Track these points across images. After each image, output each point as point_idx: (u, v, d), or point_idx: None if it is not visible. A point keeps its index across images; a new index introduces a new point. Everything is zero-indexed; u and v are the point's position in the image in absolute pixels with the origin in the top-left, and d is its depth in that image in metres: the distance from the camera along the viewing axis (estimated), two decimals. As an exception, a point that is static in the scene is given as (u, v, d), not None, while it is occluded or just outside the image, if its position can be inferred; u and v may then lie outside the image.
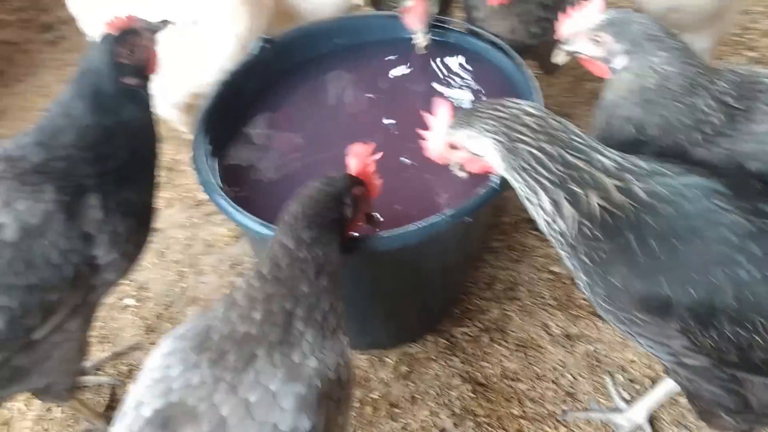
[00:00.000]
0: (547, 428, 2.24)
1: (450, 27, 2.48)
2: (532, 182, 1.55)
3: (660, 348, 1.63)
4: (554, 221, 1.56)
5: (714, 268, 1.45)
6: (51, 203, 1.69)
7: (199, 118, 2.14)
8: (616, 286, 1.52)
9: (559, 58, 1.96)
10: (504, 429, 2.24)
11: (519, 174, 1.56)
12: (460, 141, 1.66)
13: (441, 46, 2.47)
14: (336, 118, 2.34)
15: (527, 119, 1.56)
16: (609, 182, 1.51)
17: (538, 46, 2.63)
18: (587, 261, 1.55)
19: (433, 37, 2.44)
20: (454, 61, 2.44)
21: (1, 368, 1.73)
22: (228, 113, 2.23)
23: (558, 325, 2.49)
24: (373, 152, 1.72)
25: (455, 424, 2.26)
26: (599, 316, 2.40)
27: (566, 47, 1.90)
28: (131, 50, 1.83)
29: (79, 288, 1.77)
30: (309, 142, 2.26)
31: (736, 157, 1.79)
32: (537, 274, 2.67)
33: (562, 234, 1.57)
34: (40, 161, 1.72)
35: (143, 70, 1.87)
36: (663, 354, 1.65)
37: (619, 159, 1.55)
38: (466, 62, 2.43)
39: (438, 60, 2.46)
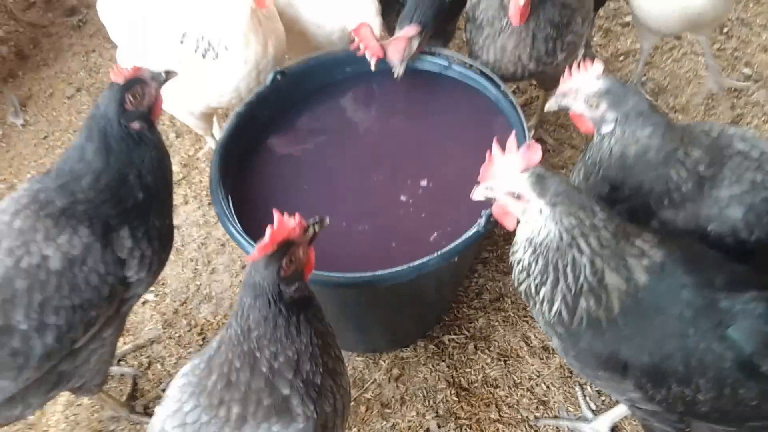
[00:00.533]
0: (520, 433, 2.51)
1: (446, 60, 2.65)
2: (551, 275, 1.72)
3: (619, 396, 1.88)
4: (546, 305, 1.77)
5: (668, 340, 1.68)
6: (88, 237, 1.93)
7: (216, 150, 2.35)
8: (583, 349, 1.76)
9: (551, 106, 2.14)
10: (482, 430, 2.51)
11: (549, 266, 1.71)
12: (526, 204, 1.71)
13: (435, 79, 2.65)
14: (343, 147, 2.54)
15: (604, 234, 1.69)
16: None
17: (542, 72, 2.81)
18: (562, 332, 1.79)
19: (429, 70, 2.63)
20: (451, 95, 2.62)
21: (49, 374, 2.00)
22: (243, 142, 2.44)
23: (537, 337, 2.74)
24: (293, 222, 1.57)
25: (439, 425, 2.53)
26: (575, 331, 2.66)
27: (562, 102, 2.06)
28: (137, 98, 1.98)
29: (114, 303, 2.03)
30: (316, 169, 2.46)
31: (698, 220, 2.01)
32: (522, 286, 2.90)
33: (543, 313, 1.79)
34: (65, 205, 1.94)
35: (148, 115, 2.03)
36: (621, 399, 1.91)
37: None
38: (460, 96, 2.60)
39: (436, 92, 2.64)
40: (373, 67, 2.54)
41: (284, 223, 1.55)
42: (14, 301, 1.84)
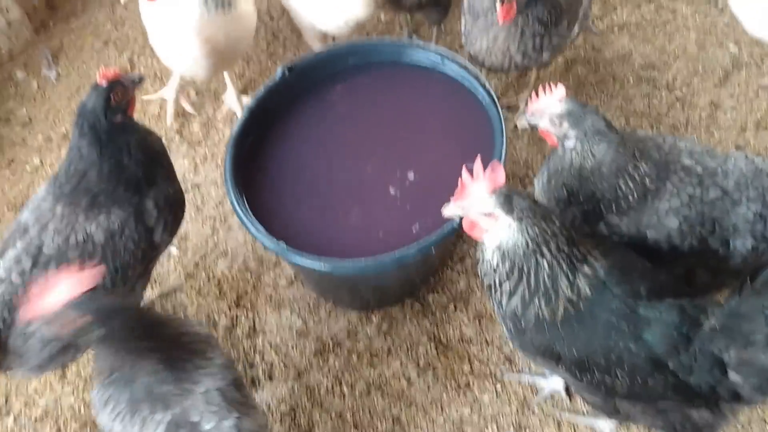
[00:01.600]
0: (487, 384, 2.94)
1: (440, 56, 2.93)
2: (515, 275, 2.08)
3: (555, 373, 2.30)
4: (506, 298, 2.15)
5: (595, 340, 2.08)
6: (124, 214, 2.38)
7: (229, 144, 2.70)
8: (527, 340, 2.17)
9: (522, 124, 2.46)
10: (455, 380, 2.95)
11: (515, 267, 2.07)
12: (494, 221, 2.05)
13: (429, 73, 2.94)
14: (342, 138, 2.86)
15: (561, 239, 2.03)
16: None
17: (527, 67, 3.10)
18: (512, 323, 2.19)
19: (424, 65, 2.93)
20: (443, 91, 2.91)
21: None
22: (254, 135, 2.77)
23: (509, 302, 3.14)
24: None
25: (418, 374, 2.97)
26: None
27: (531, 120, 2.38)
28: (119, 96, 2.36)
29: (145, 262, 2.51)
30: (317, 160, 2.80)
31: (639, 226, 2.37)
32: (501, 254, 3.27)
33: (501, 304, 2.18)
34: (89, 203, 2.36)
35: (126, 110, 2.42)
36: (558, 376, 2.33)
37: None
38: (451, 92, 2.90)
39: (429, 87, 2.93)
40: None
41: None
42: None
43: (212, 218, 3.45)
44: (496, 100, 2.79)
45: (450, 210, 2.14)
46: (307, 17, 3.31)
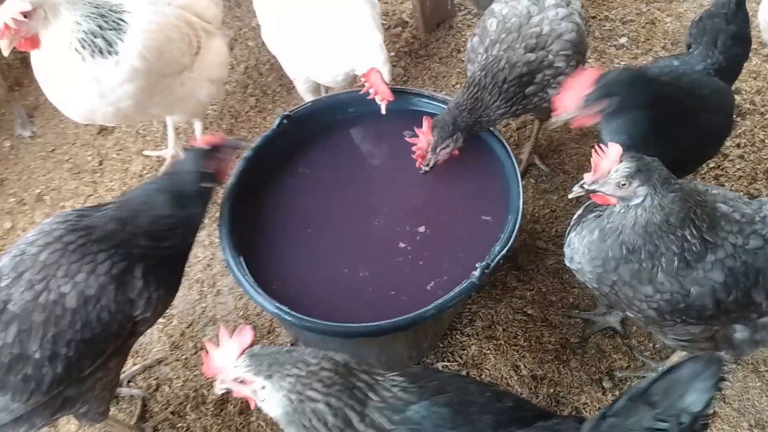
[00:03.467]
0: (508, 460, 2.67)
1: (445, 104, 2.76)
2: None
3: None
4: None
5: None
6: (104, 276, 2.09)
7: (225, 195, 2.48)
8: None
9: (573, 194, 2.23)
10: (472, 457, 2.68)
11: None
12: (250, 386, 1.73)
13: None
14: (345, 190, 2.65)
15: (324, 374, 1.69)
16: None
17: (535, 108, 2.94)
18: None
19: (429, 112, 2.76)
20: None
21: (55, 399, 2.16)
22: (251, 185, 2.56)
23: (526, 366, 2.89)
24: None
25: (432, 451, 2.69)
26: (563, 361, 2.82)
27: (591, 187, 2.13)
28: (214, 162, 2.23)
29: (120, 337, 2.20)
30: (319, 213, 2.59)
31: (684, 283, 2.14)
32: (513, 315, 3.04)
33: None
34: (105, 233, 2.13)
35: (218, 177, 2.28)
36: None
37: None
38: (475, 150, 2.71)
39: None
40: (383, 111, 2.64)
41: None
42: (30, 332, 2.01)
43: (200, 282, 3.19)
44: (508, 147, 2.61)
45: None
46: (302, 70, 3.14)
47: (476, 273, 2.26)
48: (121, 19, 2.76)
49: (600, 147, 2.09)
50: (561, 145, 3.65)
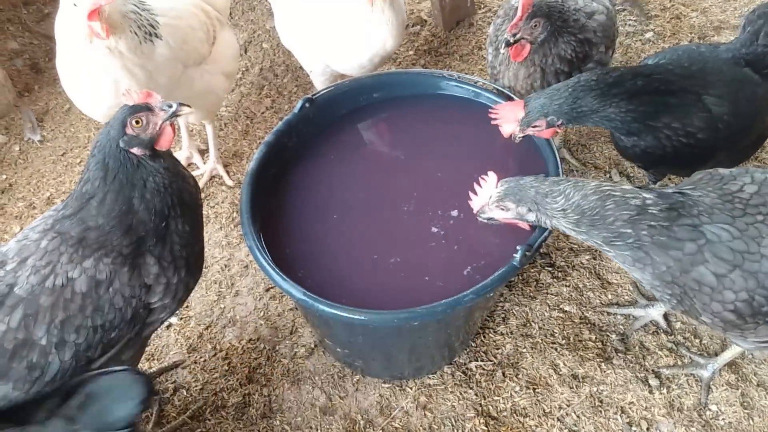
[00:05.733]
0: (551, 463, 2.49)
1: (480, 87, 2.63)
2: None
3: None
4: None
5: None
6: (115, 262, 1.94)
7: (246, 181, 2.33)
8: None
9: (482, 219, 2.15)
10: (511, 462, 2.50)
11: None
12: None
13: (464, 105, 2.63)
14: (372, 174, 2.51)
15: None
16: None
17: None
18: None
19: (458, 95, 2.63)
20: (479, 122, 2.59)
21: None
22: (272, 171, 2.41)
23: (566, 365, 2.71)
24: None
25: (468, 456, 2.51)
26: (605, 359, 2.64)
27: (484, 216, 2.14)
28: (140, 124, 1.96)
29: (135, 326, 2.05)
30: (345, 198, 2.44)
31: None
32: (549, 311, 2.87)
33: None
34: (79, 235, 1.95)
35: (152, 143, 2.00)
36: None
37: None
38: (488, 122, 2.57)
39: (464, 118, 2.61)
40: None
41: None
42: (37, 317, 1.87)
43: (217, 283, 3.03)
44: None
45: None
46: (320, 59, 3.02)
47: (517, 256, 2.10)
48: (154, 15, 2.72)
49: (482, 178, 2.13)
50: (591, 140, 3.50)
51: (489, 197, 2.08)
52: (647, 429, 2.55)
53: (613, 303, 2.86)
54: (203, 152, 3.56)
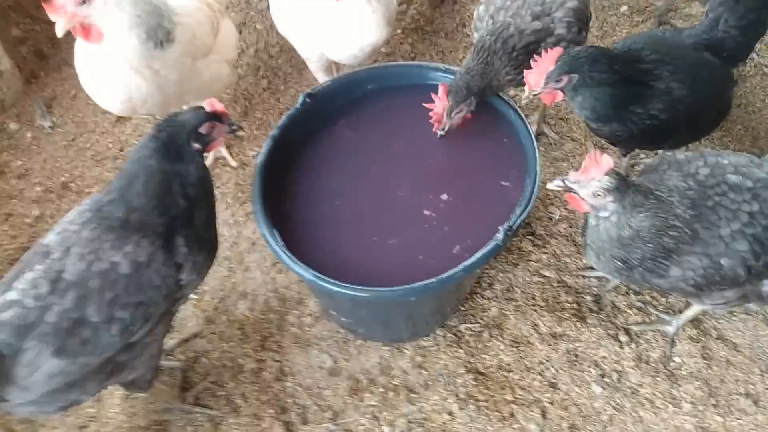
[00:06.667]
0: (532, 412, 2.81)
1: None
2: None
3: None
4: None
5: None
6: (151, 247, 2.24)
7: (256, 173, 2.59)
8: None
9: (555, 185, 2.37)
10: (499, 412, 2.82)
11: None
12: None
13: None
14: (368, 163, 2.76)
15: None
16: None
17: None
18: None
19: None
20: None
21: (107, 364, 2.30)
22: (279, 163, 2.67)
23: (545, 325, 3.03)
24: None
25: (460, 408, 2.83)
26: (580, 318, 2.96)
27: (571, 186, 2.28)
28: (210, 128, 2.33)
29: (168, 301, 2.35)
30: (345, 185, 2.71)
31: (711, 258, 2.31)
32: (530, 277, 3.18)
33: None
34: (123, 216, 2.24)
35: (208, 145, 2.36)
36: None
37: None
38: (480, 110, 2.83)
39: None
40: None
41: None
42: (88, 297, 2.15)
43: (228, 259, 3.31)
44: (522, 115, 2.73)
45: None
46: (315, 48, 3.25)
47: (500, 235, 2.39)
48: (171, 11, 2.88)
49: (596, 153, 2.23)
50: (569, 114, 3.76)
51: (595, 180, 2.21)
52: (618, 380, 2.88)
53: (588, 267, 3.16)
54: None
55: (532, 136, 2.65)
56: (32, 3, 4.53)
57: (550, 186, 2.32)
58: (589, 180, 2.21)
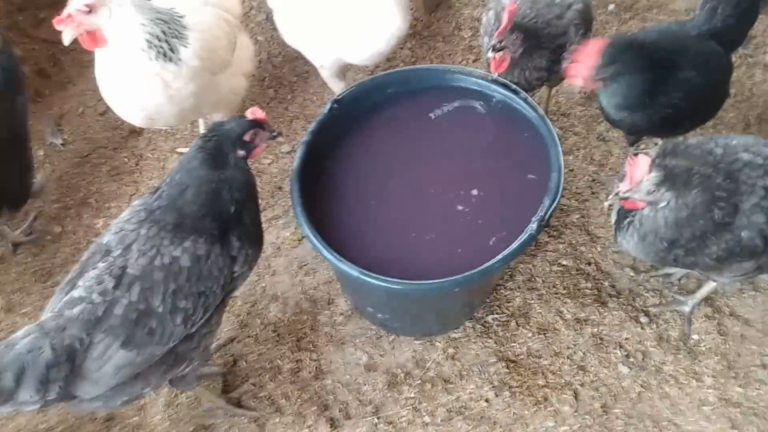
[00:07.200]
0: (565, 395, 2.94)
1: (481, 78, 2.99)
2: None
3: None
4: None
5: None
6: (209, 243, 2.35)
7: (293, 178, 2.70)
8: None
9: (607, 204, 2.58)
10: (533, 396, 2.94)
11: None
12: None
13: (476, 95, 3.00)
14: (397, 163, 2.86)
15: None
16: None
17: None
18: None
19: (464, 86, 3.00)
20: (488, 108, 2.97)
21: (169, 354, 2.39)
22: (313, 168, 2.76)
23: (569, 311, 3.16)
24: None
25: (496, 395, 2.95)
26: (601, 303, 3.10)
27: (626, 195, 2.42)
28: (254, 135, 2.45)
29: (224, 292, 2.46)
30: (378, 186, 2.81)
31: (733, 232, 2.46)
32: (549, 266, 3.31)
33: None
34: (176, 221, 2.35)
35: (251, 152, 2.48)
36: None
37: None
38: (499, 109, 2.96)
39: (469, 108, 2.98)
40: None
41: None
42: (153, 289, 2.25)
43: (256, 265, 3.37)
44: (542, 112, 2.86)
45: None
46: (331, 53, 3.33)
47: (534, 226, 2.52)
48: (183, 26, 2.93)
49: (632, 157, 2.38)
50: (569, 109, 3.90)
51: (642, 181, 2.34)
52: (642, 359, 3.02)
53: (602, 255, 3.30)
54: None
55: (553, 131, 2.78)
56: (30, 23, 4.56)
57: (606, 204, 2.51)
58: (639, 183, 2.35)
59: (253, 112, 2.46)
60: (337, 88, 3.59)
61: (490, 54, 2.84)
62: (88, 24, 2.77)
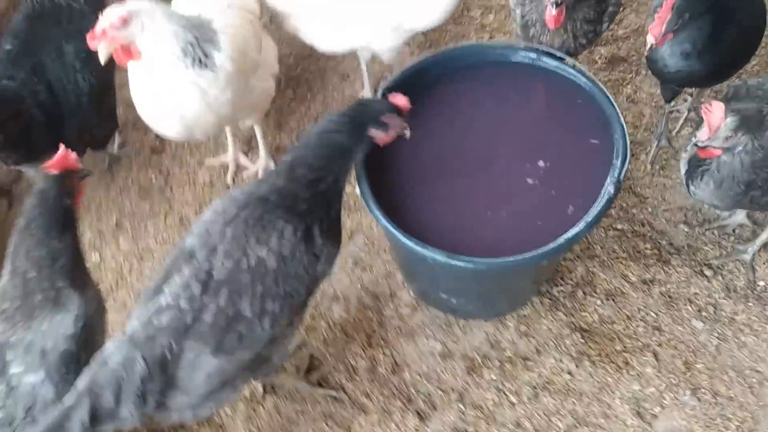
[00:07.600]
0: (645, 357, 2.93)
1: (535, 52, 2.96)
2: None
3: None
4: None
5: None
6: (293, 238, 2.27)
7: (358, 166, 2.61)
8: None
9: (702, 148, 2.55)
10: (613, 362, 2.92)
11: None
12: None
13: (527, 69, 2.97)
14: (463, 140, 2.81)
15: None
16: None
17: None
18: None
19: (519, 61, 2.97)
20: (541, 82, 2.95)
21: (256, 358, 2.31)
22: (377, 149, 2.66)
23: (634, 274, 3.15)
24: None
25: (576, 365, 2.93)
26: (664, 262, 3.09)
27: (707, 144, 2.47)
28: (388, 121, 2.41)
29: (308, 291, 2.40)
30: (445, 163, 2.76)
31: None
32: (605, 232, 3.29)
33: None
34: (280, 198, 2.30)
35: (382, 134, 2.42)
36: None
37: None
38: (549, 79, 2.93)
39: (529, 80, 2.95)
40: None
41: (68, 157, 2.39)
42: (241, 294, 2.18)
43: (308, 267, 3.31)
44: (592, 77, 2.83)
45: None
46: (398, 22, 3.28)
47: (611, 188, 2.49)
48: (213, 31, 2.84)
49: (707, 106, 2.39)
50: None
51: (720, 130, 2.37)
52: (714, 312, 3.02)
53: (653, 215, 3.30)
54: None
55: (607, 93, 2.75)
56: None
57: (684, 155, 2.59)
58: (717, 131, 2.36)
59: (395, 97, 2.42)
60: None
61: (552, 9, 2.80)
62: (122, 38, 2.67)
